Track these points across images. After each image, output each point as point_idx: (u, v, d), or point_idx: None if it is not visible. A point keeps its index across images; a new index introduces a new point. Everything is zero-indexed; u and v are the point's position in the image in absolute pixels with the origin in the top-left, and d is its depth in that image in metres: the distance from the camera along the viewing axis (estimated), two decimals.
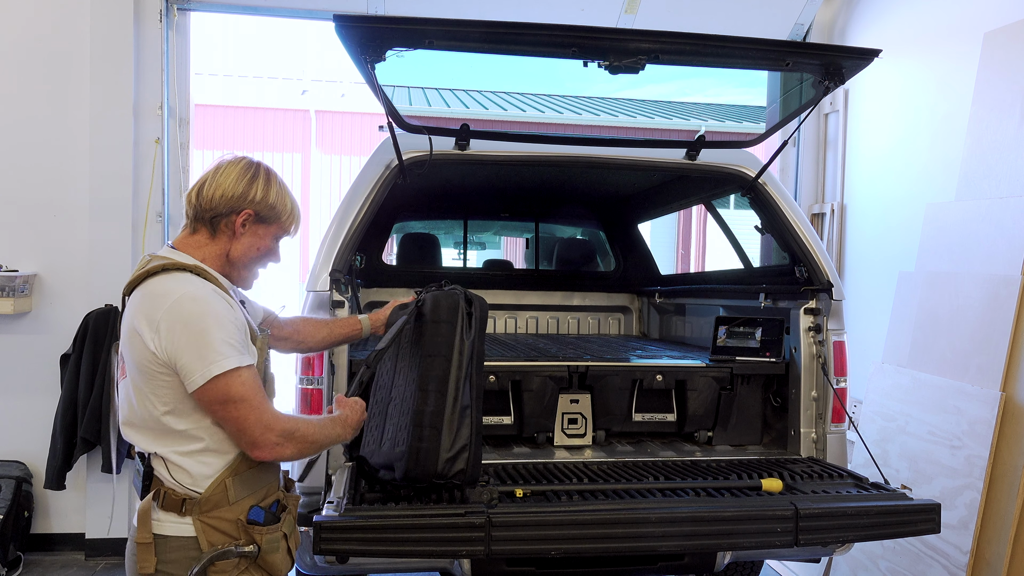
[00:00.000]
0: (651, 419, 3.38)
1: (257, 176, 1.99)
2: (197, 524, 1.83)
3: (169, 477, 1.85)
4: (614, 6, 5.14)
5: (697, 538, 2.44)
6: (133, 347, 1.83)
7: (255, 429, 1.82)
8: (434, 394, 2.25)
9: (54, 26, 4.77)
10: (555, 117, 11.77)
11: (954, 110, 4.30)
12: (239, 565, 1.86)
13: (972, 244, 3.77)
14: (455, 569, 2.77)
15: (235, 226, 1.97)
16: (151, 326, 1.79)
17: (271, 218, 2.01)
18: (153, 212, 4.86)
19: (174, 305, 1.79)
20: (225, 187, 1.95)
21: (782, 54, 2.81)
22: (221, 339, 1.79)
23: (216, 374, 1.77)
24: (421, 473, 2.25)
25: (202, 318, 1.79)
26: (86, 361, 4.59)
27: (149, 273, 1.87)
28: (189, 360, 1.77)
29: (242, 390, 1.80)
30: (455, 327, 2.29)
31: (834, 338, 3.23)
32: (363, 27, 2.47)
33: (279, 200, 2.01)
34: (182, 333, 1.78)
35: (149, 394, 1.83)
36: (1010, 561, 3.26)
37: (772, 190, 3.43)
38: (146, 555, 1.81)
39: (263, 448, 1.83)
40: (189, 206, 1.99)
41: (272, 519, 1.93)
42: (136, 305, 1.86)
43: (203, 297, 1.83)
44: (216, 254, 1.98)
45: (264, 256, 2.06)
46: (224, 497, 1.86)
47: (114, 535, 4.81)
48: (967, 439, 3.49)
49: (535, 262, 5.72)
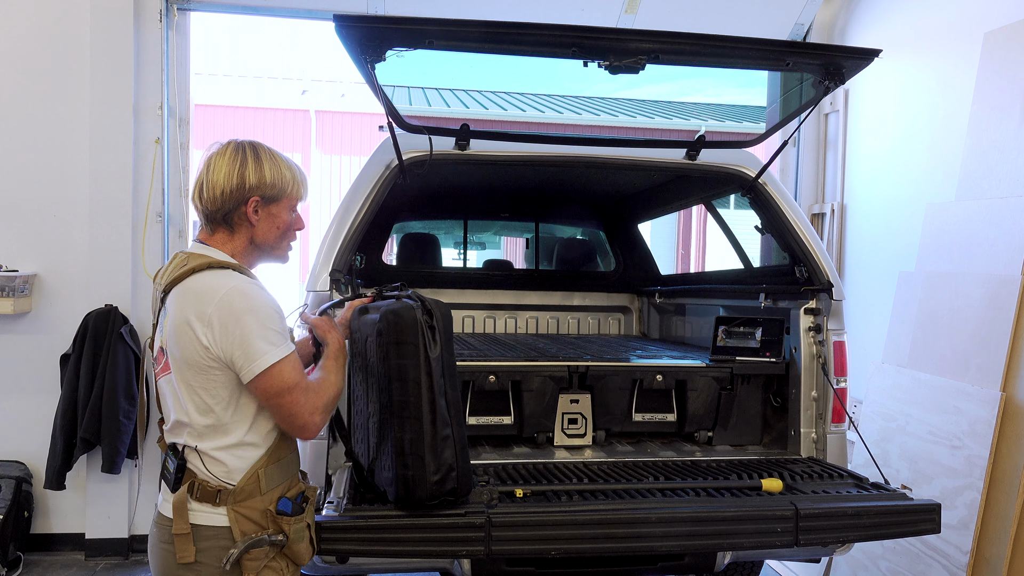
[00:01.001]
0: (651, 419, 3.38)
1: (247, 161, 1.98)
2: (231, 514, 1.89)
3: (204, 469, 1.91)
4: (614, 6, 5.14)
5: (697, 538, 2.44)
6: (184, 343, 1.87)
7: (304, 413, 1.92)
8: (410, 420, 2.15)
9: (54, 26, 4.77)
10: (555, 117, 11.77)
11: (954, 110, 4.30)
12: (268, 554, 1.93)
13: (972, 244, 3.77)
14: (455, 569, 2.76)
15: (248, 216, 1.99)
16: (203, 321, 1.84)
17: (278, 195, 2.02)
18: (153, 212, 4.86)
19: (223, 299, 1.84)
20: (221, 184, 1.96)
21: (782, 54, 2.81)
22: (272, 329, 1.88)
23: (272, 363, 1.85)
24: (411, 500, 2.21)
25: (253, 311, 1.86)
26: (86, 361, 4.59)
27: (193, 270, 1.91)
28: (245, 352, 1.84)
29: (294, 375, 1.90)
30: (418, 347, 2.15)
31: (834, 338, 3.23)
32: (363, 27, 2.47)
33: (276, 176, 2.01)
34: (235, 326, 1.83)
35: (199, 388, 1.89)
36: (1010, 561, 3.26)
37: (772, 190, 3.43)
38: (185, 544, 1.87)
39: (310, 430, 1.95)
40: (197, 211, 2.02)
41: (298, 509, 2.00)
42: (183, 301, 1.89)
43: (250, 291, 1.89)
44: (243, 246, 2.03)
45: (288, 230, 2.09)
46: (256, 488, 1.92)
47: (114, 535, 4.81)
48: (967, 439, 3.49)
49: (535, 262, 5.72)
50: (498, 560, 2.70)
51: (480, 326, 5.23)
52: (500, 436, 3.28)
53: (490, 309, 5.26)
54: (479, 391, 3.13)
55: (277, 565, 1.95)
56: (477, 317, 5.23)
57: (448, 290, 5.18)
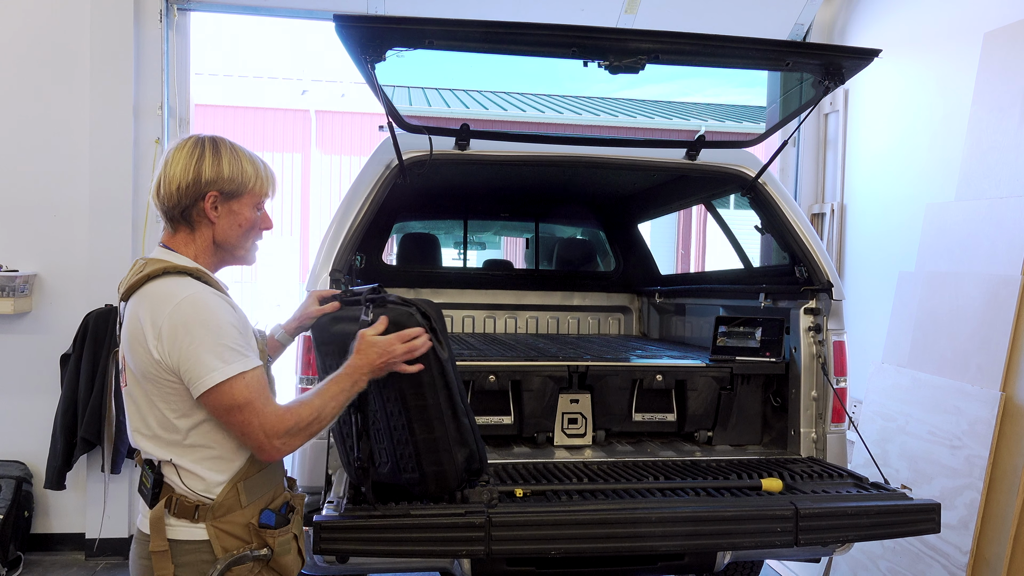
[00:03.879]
0: (651, 419, 3.38)
1: (203, 155, 1.87)
2: (210, 530, 1.81)
3: (181, 484, 1.82)
4: (614, 6, 5.14)
5: (697, 538, 2.44)
6: (136, 354, 1.79)
7: (259, 435, 1.77)
8: (436, 422, 2.19)
9: (54, 26, 4.77)
10: (555, 117, 11.77)
11: (954, 110, 4.30)
12: (253, 569, 1.84)
13: (972, 244, 3.77)
14: (455, 569, 2.76)
15: (206, 212, 1.88)
16: (154, 331, 1.75)
17: (237, 191, 1.90)
18: (153, 212, 4.85)
19: (175, 310, 1.74)
20: (178, 178, 1.85)
21: (782, 54, 2.82)
22: (224, 344, 1.75)
23: (220, 380, 1.73)
24: (444, 492, 2.31)
25: (204, 324, 1.74)
26: (86, 361, 4.59)
27: (148, 277, 1.81)
28: (193, 366, 1.73)
29: (246, 394, 1.75)
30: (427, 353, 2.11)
31: (834, 338, 3.23)
32: (363, 27, 2.47)
33: (235, 170, 1.89)
34: (185, 338, 1.73)
35: (158, 401, 1.80)
36: (1010, 561, 3.26)
37: (772, 190, 3.43)
38: (163, 562, 1.78)
39: (269, 452, 1.80)
40: (157, 209, 1.91)
41: (283, 521, 1.91)
42: (136, 310, 1.80)
43: (204, 301, 1.77)
44: (204, 246, 1.92)
45: (252, 229, 1.97)
46: (236, 502, 1.84)
47: (114, 535, 4.81)
48: (967, 439, 3.49)
49: (535, 262, 5.72)
50: (498, 560, 2.70)
51: (480, 326, 5.23)
52: (500, 436, 3.28)
53: (490, 309, 5.26)
54: (479, 391, 3.13)
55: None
56: (477, 317, 5.24)
57: (448, 290, 5.19)
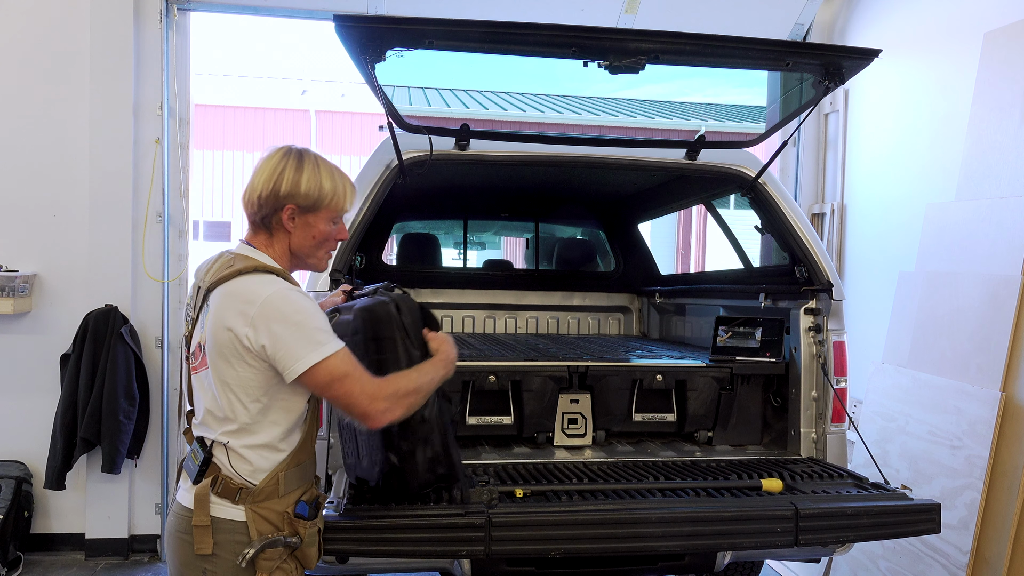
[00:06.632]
0: (651, 419, 3.38)
1: (286, 168, 1.98)
2: (248, 513, 1.91)
3: (228, 465, 1.92)
4: (614, 6, 5.14)
5: (697, 538, 2.44)
6: (223, 343, 1.88)
7: (363, 400, 1.88)
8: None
9: (54, 26, 4.77)
10: (555, 117, 11.76)
11: (954, 110, 4.30)
12: (282, 555, 1.94)
13: (972, 244, 3.77)
14: (455, 569, 2.76)
15: (283, 222, 2.00)
16: (246, 322, 1.85)
17: (314, 206, 2.01)
18: (153, 212, 4.86)
19: (267, 302, 1.85)
20: (259, 188, 1.98)
21: (782, 54, 2.82)
22: (317, 327, 1.88)
23: (320, 359, 1.84)
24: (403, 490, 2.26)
25: (296, 312, 1.86)
26: (86, 361, 4.59)
27: (239, 272, 1.92)
28: (292, 350, 1.84)
29: (343, 367, 1.87)
30: (395, 341, 2.16)
31: (834, 338, 3.23)
32: (363, 27, 2.47)
33: (312, 186, 1.99)
34: (281, 327, 1.84)
35: (234, 387, 1.90)
36: (1010, 561, 3.26)
37: (772, 190, 3.43)
38: (204, 536, 1.89)
39: (374, 417, 1.90)
40: (244, 210, 2.03)
41: (314, 514, 2.02)
42: (226, 303, 1.90)
43: (292, 295, 1.90)
44: (281, 251, 2.04)
45: (326, 241, 2.08)
46: (276, 490, 1.94)
47: (114, 535, 4.82)
48: (967, 439, 3.49)
49: (535, 262, 5.72)
50: (498, 560, 2.70)
51: (480, 326, 5.23)
52: (500, 436, 3.28)
53: (490, 309, 5.26)
54: (479, 391, 3.13)
55: (288, 567, 1.96)
56: (477, 317, 5.24)
57: (448, 290, 5.19)
